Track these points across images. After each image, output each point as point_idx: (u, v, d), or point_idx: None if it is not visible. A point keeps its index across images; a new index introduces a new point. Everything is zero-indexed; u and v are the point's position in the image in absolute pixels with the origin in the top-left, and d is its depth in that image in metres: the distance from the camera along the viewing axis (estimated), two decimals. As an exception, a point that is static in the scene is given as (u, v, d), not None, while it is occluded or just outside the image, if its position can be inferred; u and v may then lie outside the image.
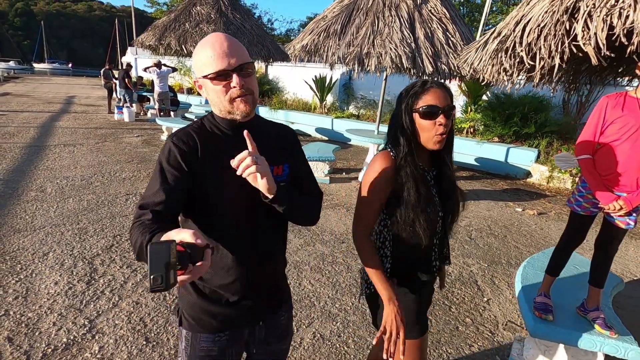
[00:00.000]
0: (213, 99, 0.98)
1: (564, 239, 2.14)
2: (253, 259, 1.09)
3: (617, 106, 1.74)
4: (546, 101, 7.46)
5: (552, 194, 6.24)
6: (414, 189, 1.17)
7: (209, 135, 1.03)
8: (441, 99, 1.13)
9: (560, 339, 1.98)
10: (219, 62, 0.92)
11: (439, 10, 4.67)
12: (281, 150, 1.11)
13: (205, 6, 7.52)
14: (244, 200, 1.02)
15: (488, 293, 3.07)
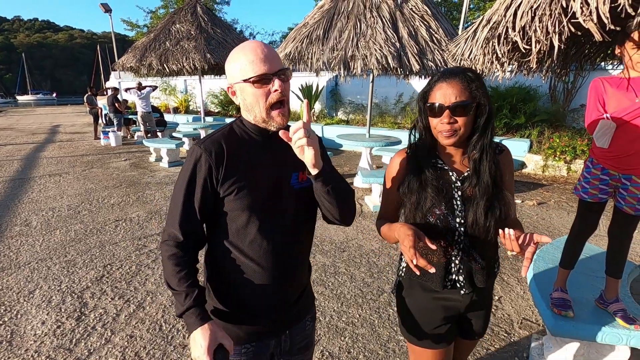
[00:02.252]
0: (251, 103, 0.98)
1: (574, 229, 2.02)
2: (283, 266, 1.07)
3: (612, 86, 1.66)
4: (533, 91, 7.49)
5: (549, 183, 6.20)
6: (415, 184, 1.13)
7: (238, 141, 1.03)
8: (447, 95, 1.04)
9: (583, 336, 1.87)
10: (261, 66, 0.94)
11: (420, 7, 4.64)
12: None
13: (185, 23, 7.45)
14: (273, 206, 1.03)
15: (499, 291, 2.96)
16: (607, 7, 1.19)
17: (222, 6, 22.79)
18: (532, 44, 1.53)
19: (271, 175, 1.03)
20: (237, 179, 0.99)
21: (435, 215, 1.12)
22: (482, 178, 1.10)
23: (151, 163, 7.82)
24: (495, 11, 1.78)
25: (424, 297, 1.22)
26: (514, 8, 1.57)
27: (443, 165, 1.16)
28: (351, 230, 4.17)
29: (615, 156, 1.72)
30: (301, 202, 1.08)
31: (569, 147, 6.43)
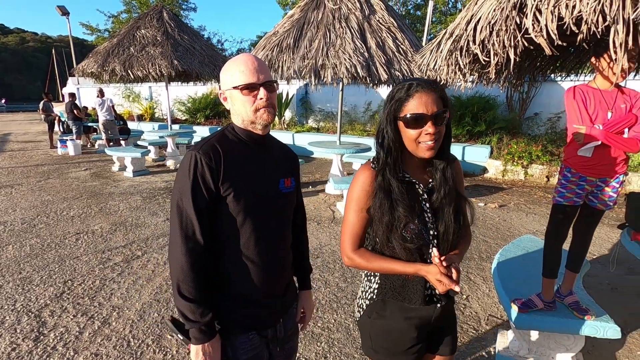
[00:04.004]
0: (239, 108, 1.08)
1: (549, 234, 2.08)
2: (275, 262, 1.16)
3: (586, 97, 1.83)
4: (492, 100, 7.95)
5: (508, 186, 6.58)
6: (385, 205, 1.06)
7: (232, 145, 1.09)
8: (429, 104, 1.01)
9: (543, 327, 2.00)
10: (250, 76, 1.04)
11: (387, 20, 4.83)
12: (290, 166, 1.25)
13: (151, 29, 7.26)
14: (266, 207, 1.11)
15: (466, 290, 3.09)
16: (555, 25, 1.32)
17: (188, 12, 22.39)
18: (490, 57, 1.66)
19: (264, 178, 1.12)
20: (234, 180, 1.05)
21: (411, 230, 1.07)
22: (450, 186, 1.11)
23: (114, 172, 7.48)
24: (457, 25, 1.91)
25: (398, 317, 1.15)
26: (474, 23, 1.70)
27: (410, 178, 1.12)
28: (324, 237, 4.21)
29: (594, 164, 1.87)
30: (287, 205, 1.21)
31: (526, 152, 6.87)
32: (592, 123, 1.81)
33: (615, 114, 1.80)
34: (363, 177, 1.12)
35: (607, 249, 3.91)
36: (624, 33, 1.15)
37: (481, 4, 1.69)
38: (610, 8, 1.15)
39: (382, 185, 1.08)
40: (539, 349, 2.13)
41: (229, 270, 1.11)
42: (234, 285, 1.12)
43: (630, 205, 2.20)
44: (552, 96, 7.80)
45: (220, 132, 1.14)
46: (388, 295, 1.15)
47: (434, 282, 1.02)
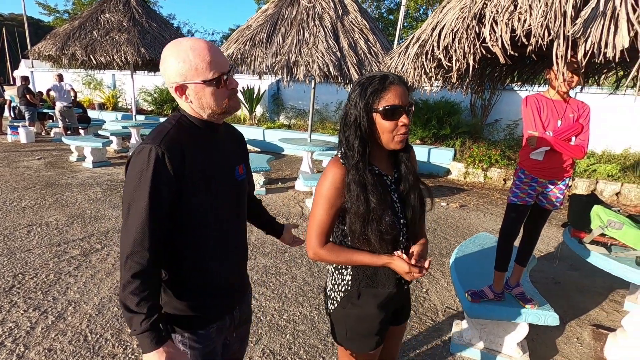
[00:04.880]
0: (208, 102, 0.99)
1: (503, 231, 2.23)
2: (237, 249, 1.18)
3: (540, 105, 2.01)
4: (457, 105, 8.32)
5: (469, 188, 6.93)
6: (360, 198, 1.07)
7: (191, 137, 1.02)
8: (403, 96, 1.05)
9: (493, 316, 2.16)
10: (219, 66, 0.96)
11: (360, 21, 4.93)
12: (241, 151, 1.23)
13: (116, 13, 6.93)
14: (227, 196, 1.10)
15: (426, 284, 3.25)
16: (508, 36, 1.44)
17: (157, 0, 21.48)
18: (453, 62, 1.77)
19: (223, 168, 1.09)
20: (196, 174, 0.99)
21: (385, 222, 1.10)
22: (414, 175, 1.17)
23: (72, 163, 7.07)
24: (423, 31, 2.01)
25: (372, 303, 1.19)
26: (438, 29, 1.81)
27: (380, 171, 1.15)
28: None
29: (544, 167, 2.06)
30: (242, 192, 1.20)
31: (486, 156, 7.25)
32: (544, 130, 1.99)
33: (565, 122, 1.99)
34: (333, 174, 1.11)
35: (553, 247, 4.24)
36: (563, 46, 1.29)
37: (446, 12, 1.81)
38: (554, 24, 1.28)
39: (356, 179, 1.08)
40: (489, 337, 2.30)
41: (189, 266, 1.07)
42: (195, 280, 1.08)
43: (571, 205, 2.42)
44: (511, 104, 8.29)
45: (176, 119, 1.03)
46: (362, 284, 1.18)
47: (402, 273, 1.10)
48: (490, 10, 1.49)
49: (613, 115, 7.23)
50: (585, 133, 1.99)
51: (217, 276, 1.12)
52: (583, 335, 2.64)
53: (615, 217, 2.13)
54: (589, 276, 3.50)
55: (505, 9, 1.41)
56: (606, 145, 7.44)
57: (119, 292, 0.95)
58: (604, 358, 2.40)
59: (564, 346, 2.51)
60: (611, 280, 3.03)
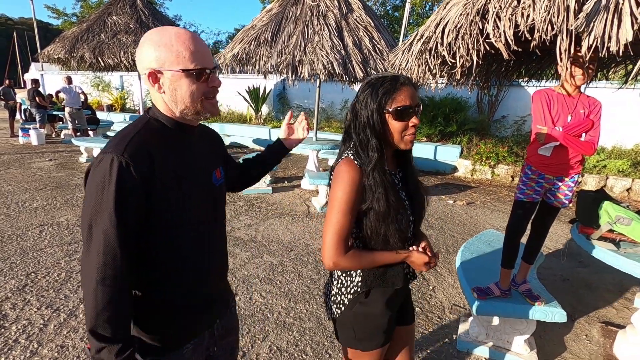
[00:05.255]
0: (182, 95, 0.89)
1: (509, 228, 2.22)
2: (217, 261, 1.09)
3: (550, 100, 1.98)
4: (463, 102, 8.25)
5: (476, 185, 6.87)
6: (383, 198, 1.06)
7: (161, 141, 0.91)
8: (413, 97, 1.07)
9: (500, 313, 2.16)
10: (203, 59, 0.88)
11: (364, 19, 4.92)
12: (219, 153, 1.15)
13: (123, 16, 7.01)
14: (204, 205, 1.00)
15: (433, 281, 3.24)
16: (512, 31, 1.43)
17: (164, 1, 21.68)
18: (456, 59, 1.77)
19: (199, 174, 1.00)
20: (168, 184, 0.89)
21: (399, 220, 1.11)
22: (418, 173, 1.23)
23: (81, 164, 7.19)
24: (427, 27, 2.01)
25: (380, 301, 1.20)
26: (442, 26, 1.80)
27: (390, 171, 1.16)
28: (299, 231, 4.26)
29: (552, 163, 2.03)
30: (220, 199, 1.10)
31: (493, 153, 7.19)
32: (554, 125, 1.96)
33: (575, 118, 1.95)
34: (351, 176, 1.07)
35: (562, 244, 4.19)
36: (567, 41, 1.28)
37: (449, 8, 1.80)
38: (557, 18, 1.27)
39: (377, 179, 1.07)
40: (496, 334, 2.29)
41: (161, 278, 0.96)
42: (168, 295, 0.98)
43: (579, 201, 2.40)
44: (518, 100, 8.19)
45: (143, 123, 0.92)
46: (373, 284, 1.18)
47: (421, 265, 1.16)
48: (493, 5, 1.49)
49: (623, 109, 7.11)
50: (596, 129, 1.95)
51: (194, 288, 1.01)
52: (592, 333, 2.61)
53: (624, 213, 2.10)
54: (598, 273, 3.46)
55: (508, 4, 1.40)
56: (616, 141, 7.32)
57: (88, 321, 0.82)
58: (613, 355, 2.38)
59: (573, 343, 2.48)
60: (621, 276, 3.00)
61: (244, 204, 5.09)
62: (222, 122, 10.64)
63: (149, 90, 0.92)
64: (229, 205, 4.99)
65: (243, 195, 5.48)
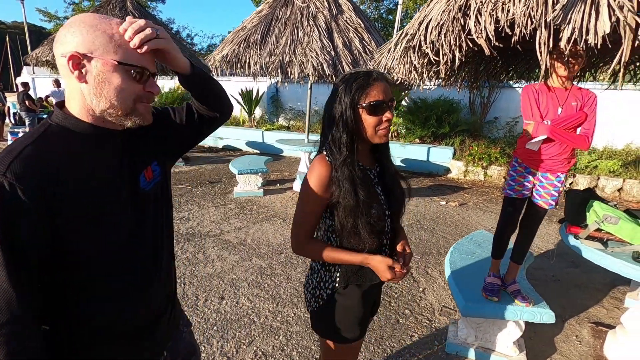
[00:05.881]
0: (109, 92, 0.74)
1: (500, 225, 2.26)
2: (153, 284, 0.91)
3: (538, 93, 1.94)
4: (456, 103, 8.27)
5: (469, 186, 6.87)
6: (351, 192, 1.09)
7: (66, 148, 0.75)
8: (387, 92, 1.08)
9: (487, 315, 2.13)
10: (146, 60, 0.77)
11: (354, 20, 4.91)
12: (149, 145, 0.92)
13: (113, 18, 6.95)
14: (131, 221, 0.84)
15: (423, 283, 3.21)
16: (493, 27, 1.41)
17: (156, 4, 21.64)
18: (440, 56, 1.75)
19: (122, 184, 0.83)
20: (77, 203, 0.74)
21: (373, 214, 1.13)
22: (395, 167, 1.24)
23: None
24: (412, 25, 1.99)
25: (357, 293, 1.23)
26: (425, 23, 1.78)
27: (364, 166, 1.18)
28: (289, 233, 4.20)
29: (538, 158, 2.00)
30: (158, 204, 0.93)
31: (485, 154, 7.20)
32: (542, 119, 1.93)
33: (566, 110, 1.90)
34: (319, 171, 1.11)
35: (553, 244, 4.18)
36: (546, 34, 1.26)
37: (432, 5, 1.78)
38: (536, 12, 1.25)
39: (345, 174, 1.09)
40: (484, 336, 2.26)
41: (85, 320, 0.83)
42: (94, 335, 0.84)
43: (567, 201, 2.38)
44: (510, 101, 8.23)
45: (39, 132, 0.75)
46: (351, 280, 1.21)
47: (384, 272, 1.12)
48: (475, 1, 1.47)
49: (614, 110, 7.16)
50: (590, 122, 1.90)
51: (125, 318, 0.87)
52: (582, 333, 2.59)
53: (612, 212, 2.09)
54: (588, 273, 3.45)
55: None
56: (607, 141, 7.36)
57: None
58: (603, 356, 2.35)
59: (563, 344, 2.46)
60: (611, 276, 2.98)
61: (234, 207, 5.04)
62: (215, 124, 10.57)
63: (65, 81, 0.77)
64: (218, 208, 4.94)
65: (234, 198, 5.43)
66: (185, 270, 3.24)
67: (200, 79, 0.93)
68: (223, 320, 2.57)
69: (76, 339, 0.83)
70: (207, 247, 3.74)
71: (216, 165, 7.80)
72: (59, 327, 0.82)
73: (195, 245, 3.77)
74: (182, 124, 1.01)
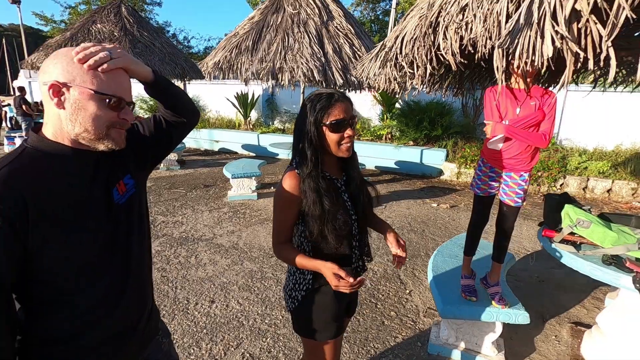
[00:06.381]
0: (84, 119, 0.81)
1: (471, 220, 2.40)
2: (130, 299, 0.95)
3: (501, 95, 2.02)
4: (448, 106, 8.35)
5: (461, 188, 6.96)
6: (317, 202, 1.19)
7: (42, 170, 0.80)
8: (347, 111, 1.19)
9: (465, 316, 2.20)
10: (121, 89, 0.84)
11: (345, 26, 5.00)
12: (120, 159, 0.95)
13: (107, 24, 7.01)
14: (106, 235, 0.88)
15: (410, 285, 3.28)
16: (457, 45, 1.49)
17: (153, 7, 21.70)
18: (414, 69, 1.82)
19: (96, 201, 0.88)
20: (52, 225, 0.78)
21: (339, 220, 1.24)
22: (361, 176, 1.34)
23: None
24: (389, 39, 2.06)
25: (330, 296, 1.32)
26: (401, 38, 1.86)
27: (330, 176, 1.29)
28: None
29: (501, 158, 2.11)
30: (132, 217, 0.97)
31: (478, 156, 7.29)
32: (501, 119, 2.04)
33: (524, 110, 1.99)
34: (289, 184, 1.22)
35: (540, 246, 4.26)
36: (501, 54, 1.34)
37: (407, 21, 1.86)
38: (492, 33, 1.33)
39: (311, 185, 1.20)
40: (465, 336, 2.33)
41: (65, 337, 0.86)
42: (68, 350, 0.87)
43: (545, 205, 2.46)
44: (502, 104, 8.31)
45: (16, 154, 0.81)
46: (322, 281, 1.29)
47: (330, 279, 1.19)
48: (443, 18, 1.54)
49: (604, 112, 7.27)
50: (548, 120, 1.97)
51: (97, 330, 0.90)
52: (562, 333, 2.66)
53: (584, 216, 2.16)
54: (572, 274, 3.49)
55: (454, 17, 1.46)
56: (598, 143, 7.47)
57: None
58: (580, 355, 2.43)
59: (542, 344, 2.53)
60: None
61: (228, 211, 5.11)
62: (210, 128, 10.65)
63: (45, 107, 0.83)
64: (212, 212, 5.00)
65: (228, 202, 5.50)
66: (178, 274, 3.31)
67: (164, 85, 1.02)
68: (213, 323, 2.64)
69: (47, 350, 0.86)
70: (199, 251, 3.80)
71: (212, 169, 7.87)
72: (30, 340, 0.85)
73: (188, 249, 3.84)
74: (152, 135, 1.07)
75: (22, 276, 0.78)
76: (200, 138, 10.50)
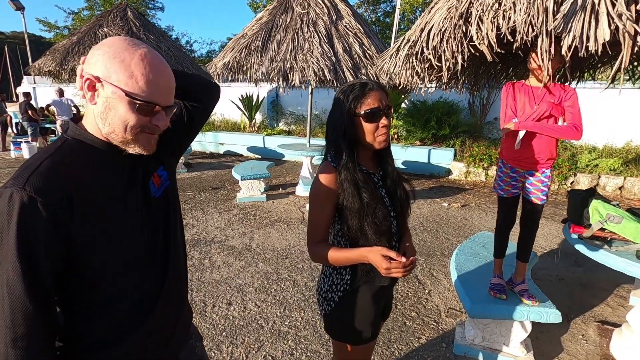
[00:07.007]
0: (113, 119, 0.75)
1: (498, 222, 2.35)
2: (170, 294, 0.91)
3: (516, 91, 2.01)
4: (455, 105, 8.31)
5: (471, 187, 6.90)
6: (355, 195, 1.15)
7: (84, 164, 0.77)
8: (382, 99, 1.14)
9: (494, 316, 2.15)
10: (157, 93, 0.76)
11: (354, 25, 4.97)
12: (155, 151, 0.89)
13: (114, 27, 7.02)
14: (145, 229, 0.85)
15: (428, 285, 3.23)
16: (494, 34, 1.45)
17: (155, 12, 21.78)
18: (442, 62, 1.78)
19: (136, 195, 0.85)
20: (95, 220, 0.75)
21: (379, 215, 1.18)
22: (397, 171, 1.29)
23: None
24: (413, 32, 2.02)
25: (367, 295, 1.26)
26: (427, 30, 1.82)
27: (368, 170, 1.24)
28: (293, 238, 4.24)
29: (521, 157, 2.08)
30: (168, 211, 0.93)
31: (486, 155, 7.23)
32: (516, 115, 2.01)
33: (541, 107, 1.97)
34: (325, 177, 1.18)
35: (556, 244, 4.20)
36: (547, 42, 1.29)
37: (434, 13, 1.82)
38: (537, 20, 1.29)
39: (348, 178, 1.15)
40: (491, 337, 2.27)
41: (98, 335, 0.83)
42: (108, 350, 0.84)
43: (570, 201, 2.41)
44: (509, 102, 8.26)
45: (56, 146, 0.77)
46: (361, 281, 1.24)
47: (380, 263, 1.10)
48: (476, 9, 1.50)
49: (614, 108, 7.20)
50: (574, 114, 1.93)
51: (140, 327, 0.87)
52: (588, 332, 2.60)
53: (614, 211, 2.11)
54: (593, 272, 3.47)
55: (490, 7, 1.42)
56: (607, 139, 7.40)
57: None
58: (610, 354, 2.37)
59: (569, 344, 2.47)
60: (615, 275, 2.99)
61: (238, 212, 5.07)
62: (216, 130, 10.63)
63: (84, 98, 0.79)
64: (222, 214, 4.96)
65: (237, 204, 5.46)
66: (192, 277, 3.26)
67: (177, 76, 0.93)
68: (232, 325, 2.59)
69: (87, 358, 0.83)
70: (212, 253, 3.76)
71: (218, 171, 7.84)
72: (71, 344, 0.82)
73: (200, 251, 3.80)
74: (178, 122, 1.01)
75: (64, 276, 0.75)
76: (205, 141, 10.48)
